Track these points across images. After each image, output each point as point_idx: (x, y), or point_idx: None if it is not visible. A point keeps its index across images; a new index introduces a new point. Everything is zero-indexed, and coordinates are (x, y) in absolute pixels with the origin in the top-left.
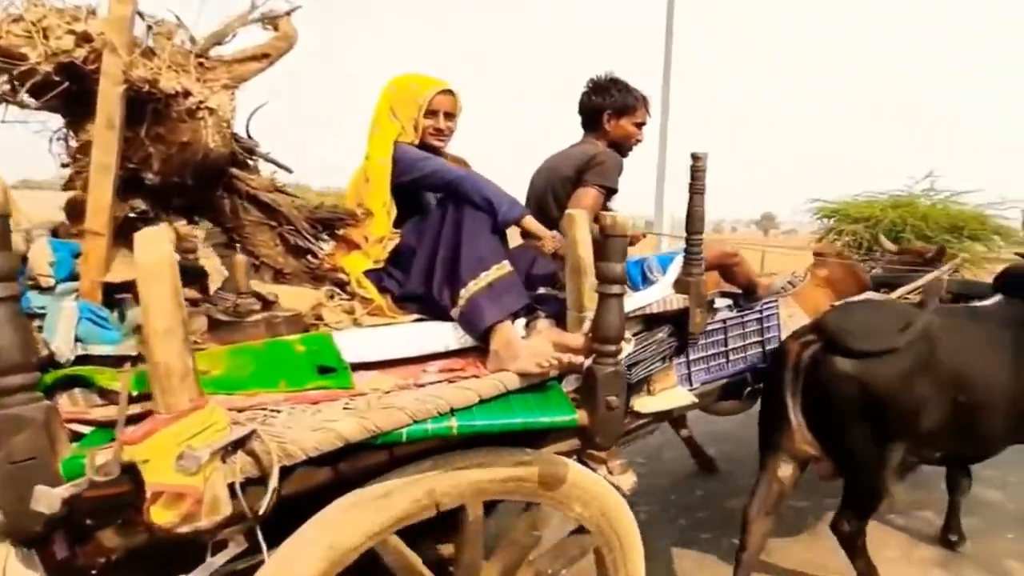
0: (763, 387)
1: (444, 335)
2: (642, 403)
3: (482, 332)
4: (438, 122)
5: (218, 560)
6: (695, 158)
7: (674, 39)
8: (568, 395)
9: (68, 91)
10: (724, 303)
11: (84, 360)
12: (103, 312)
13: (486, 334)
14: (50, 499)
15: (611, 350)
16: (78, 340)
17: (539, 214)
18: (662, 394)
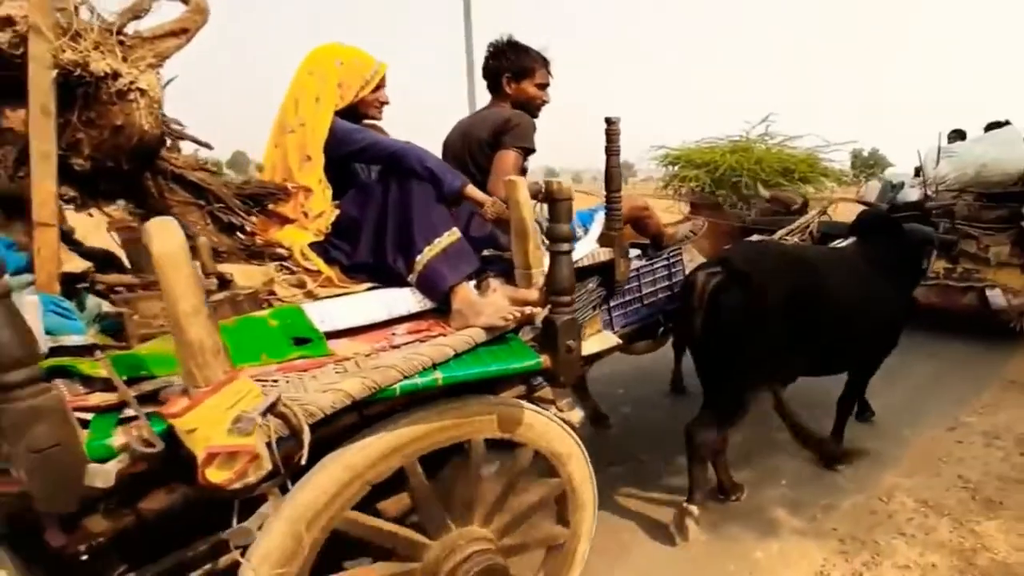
0: (675, 311)
1: (405, 300)
2: None
3: (443, 294)
4: (382, 95)
5: (253, 523)
6: (608, 122)
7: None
8: (527, 343)
9: None
10: (635, 253)
11: (57, 352)
12: (65, 303)
13: (446, 296)
14: (106, 474)
15: (566, 300)
16: (48, 332)
17: None
18: (592, 338)
